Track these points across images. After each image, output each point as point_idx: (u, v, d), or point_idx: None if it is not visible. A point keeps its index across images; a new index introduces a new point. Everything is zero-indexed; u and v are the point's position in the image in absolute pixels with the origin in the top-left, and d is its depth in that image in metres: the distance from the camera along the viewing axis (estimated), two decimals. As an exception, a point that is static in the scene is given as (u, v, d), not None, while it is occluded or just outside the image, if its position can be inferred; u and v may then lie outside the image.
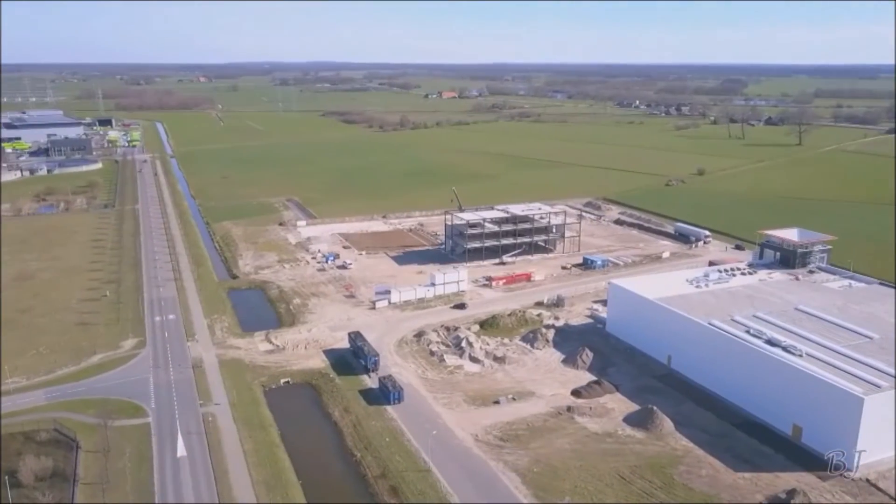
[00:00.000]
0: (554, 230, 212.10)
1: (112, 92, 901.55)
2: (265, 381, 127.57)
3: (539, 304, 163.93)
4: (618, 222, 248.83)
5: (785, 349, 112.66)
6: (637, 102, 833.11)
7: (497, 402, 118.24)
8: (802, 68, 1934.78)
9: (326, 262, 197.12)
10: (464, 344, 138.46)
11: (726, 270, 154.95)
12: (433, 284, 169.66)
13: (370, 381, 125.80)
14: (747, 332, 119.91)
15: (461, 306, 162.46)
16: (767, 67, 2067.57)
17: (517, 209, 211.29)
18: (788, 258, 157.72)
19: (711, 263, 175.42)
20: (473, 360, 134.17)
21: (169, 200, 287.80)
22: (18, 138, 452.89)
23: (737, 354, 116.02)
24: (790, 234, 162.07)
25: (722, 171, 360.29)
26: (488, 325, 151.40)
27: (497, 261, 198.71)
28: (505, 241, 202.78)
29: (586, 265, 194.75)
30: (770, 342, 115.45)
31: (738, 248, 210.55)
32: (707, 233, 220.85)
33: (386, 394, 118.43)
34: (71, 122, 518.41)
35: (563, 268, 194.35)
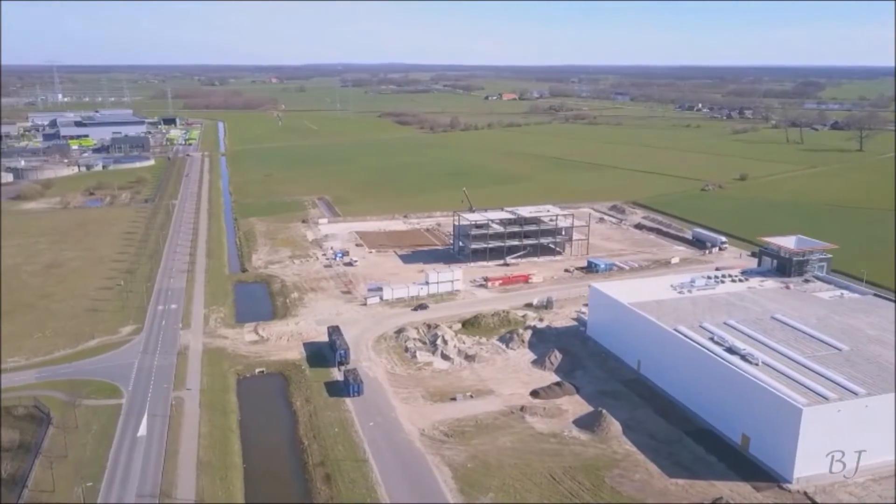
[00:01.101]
0: (563, 233, 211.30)
1: (183, 92, 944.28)
2: (241, 369, 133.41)
3: (528, 306, 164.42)
4: (637, 226, 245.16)
5: (743, 357, 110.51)
6: (699, 105, 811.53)
7: (454, 399, 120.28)
8: (890, 70, 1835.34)
9: (335, 258, 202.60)
10: (439, 342, 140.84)
11: (715, 277, 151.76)
12: (427, 283, 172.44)
13: (338, 374, 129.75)
14: (711, 339, 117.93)
15: (422, 307, 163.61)
16: (852, 69, 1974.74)
17: (525, 211, 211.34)
18: (784, 266, 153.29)
19: (718, 270, 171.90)
20: (445, 357, 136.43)
21: (206, 197, 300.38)
22: (86, 136, 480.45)
23: (694, 361, 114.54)
24: (787, 242, 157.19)
25: (768, 176, 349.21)
26: (470, 324, 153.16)
27: (501, 262, 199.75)
28: (511, 243, 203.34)
29: (590, 269, 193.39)
30: (730, 350, 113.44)
31: (753, 255, 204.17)
32: (723, 239, 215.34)
33: (347, 386, 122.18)
34: (136, 120, 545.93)
35: (566, 270, 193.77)
